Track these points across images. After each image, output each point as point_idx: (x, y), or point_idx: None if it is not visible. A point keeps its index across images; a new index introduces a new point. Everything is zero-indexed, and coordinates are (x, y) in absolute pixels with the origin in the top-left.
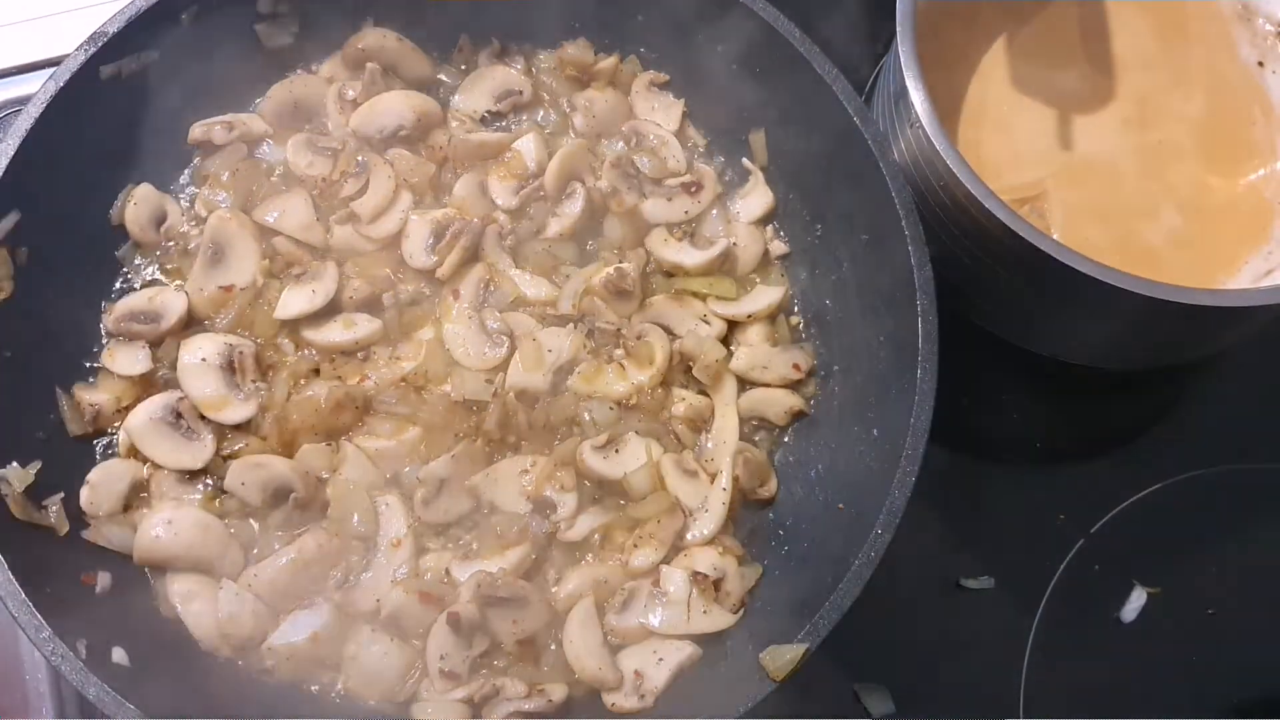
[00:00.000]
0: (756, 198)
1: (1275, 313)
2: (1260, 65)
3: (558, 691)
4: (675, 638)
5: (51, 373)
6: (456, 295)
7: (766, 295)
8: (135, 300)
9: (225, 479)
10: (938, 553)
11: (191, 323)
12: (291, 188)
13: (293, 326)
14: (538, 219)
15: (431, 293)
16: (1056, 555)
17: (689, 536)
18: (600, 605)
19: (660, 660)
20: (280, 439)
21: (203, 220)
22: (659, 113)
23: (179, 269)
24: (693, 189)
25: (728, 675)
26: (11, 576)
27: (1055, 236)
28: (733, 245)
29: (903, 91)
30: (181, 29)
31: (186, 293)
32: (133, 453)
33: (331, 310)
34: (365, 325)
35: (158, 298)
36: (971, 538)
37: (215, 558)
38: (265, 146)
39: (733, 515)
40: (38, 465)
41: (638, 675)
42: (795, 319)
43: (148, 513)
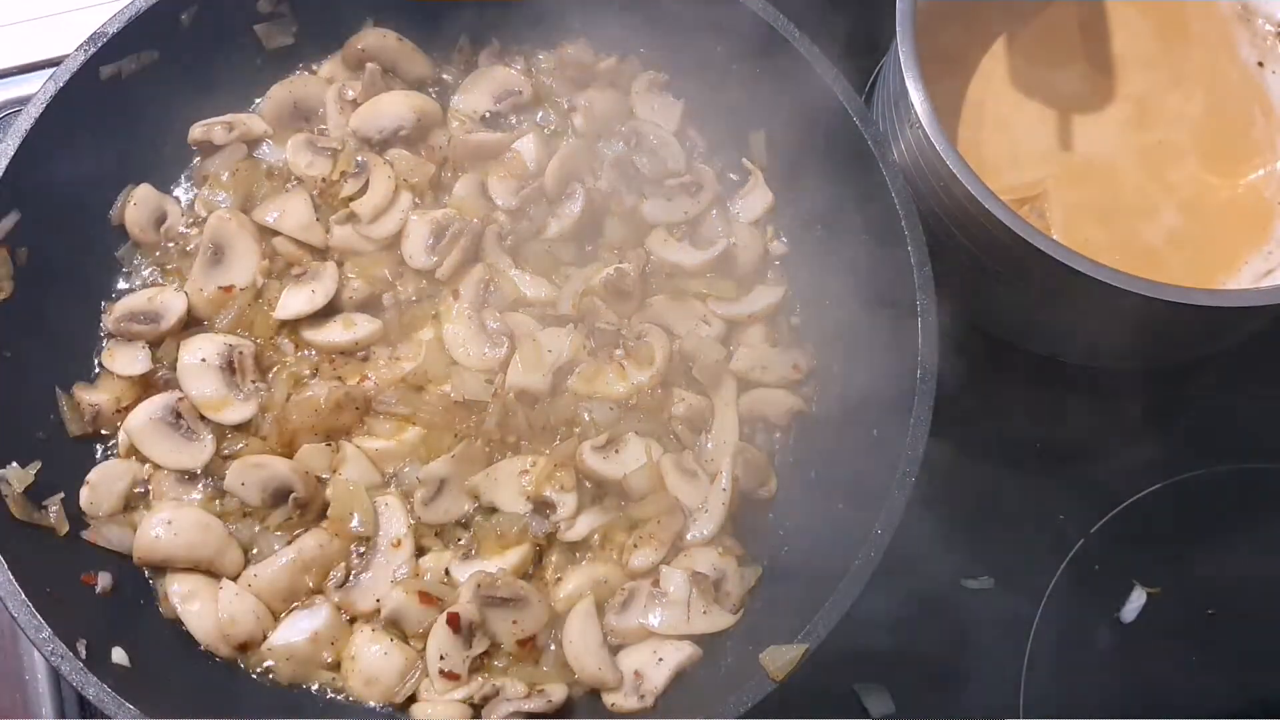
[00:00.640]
0: (756, 198)
1: (1275, 313)
2: (1260, 65)
3: (558, 692)
4: (675, 638)
5: (51, 373)
6: (456, 295)
7: (766, 295)
8: (135, 300)
9: (225, 479)
10: (938, 553)
11: (191, 323)
12: (291, 188)
13: (292, 327)
14: (538, 219)
15: (432, 293)
16: (1056, 555)
17: (689, 537)
18: (600, 605)
19: (660, 660)
20: (280, 439)
21: (202, 220)
22: (659, 113)
23: (179, 269)
24: (692, 189)
25: (728, 675)
26: (11, 576)
27: (1055, 236)
28: (732, 245)
29: (903, 91)
30: (181, 29)
31: (186, 293)
32: (132, 453)
33: (331, 310)
34: (365, 325)
35: (157, 298)
36: (971, 538)
37: (215, 558)
38: (265, 146)
39: (733, 515)
40: (38, 465)
41: (638, 675)
42: (795, 319)
43: (147, 513)
